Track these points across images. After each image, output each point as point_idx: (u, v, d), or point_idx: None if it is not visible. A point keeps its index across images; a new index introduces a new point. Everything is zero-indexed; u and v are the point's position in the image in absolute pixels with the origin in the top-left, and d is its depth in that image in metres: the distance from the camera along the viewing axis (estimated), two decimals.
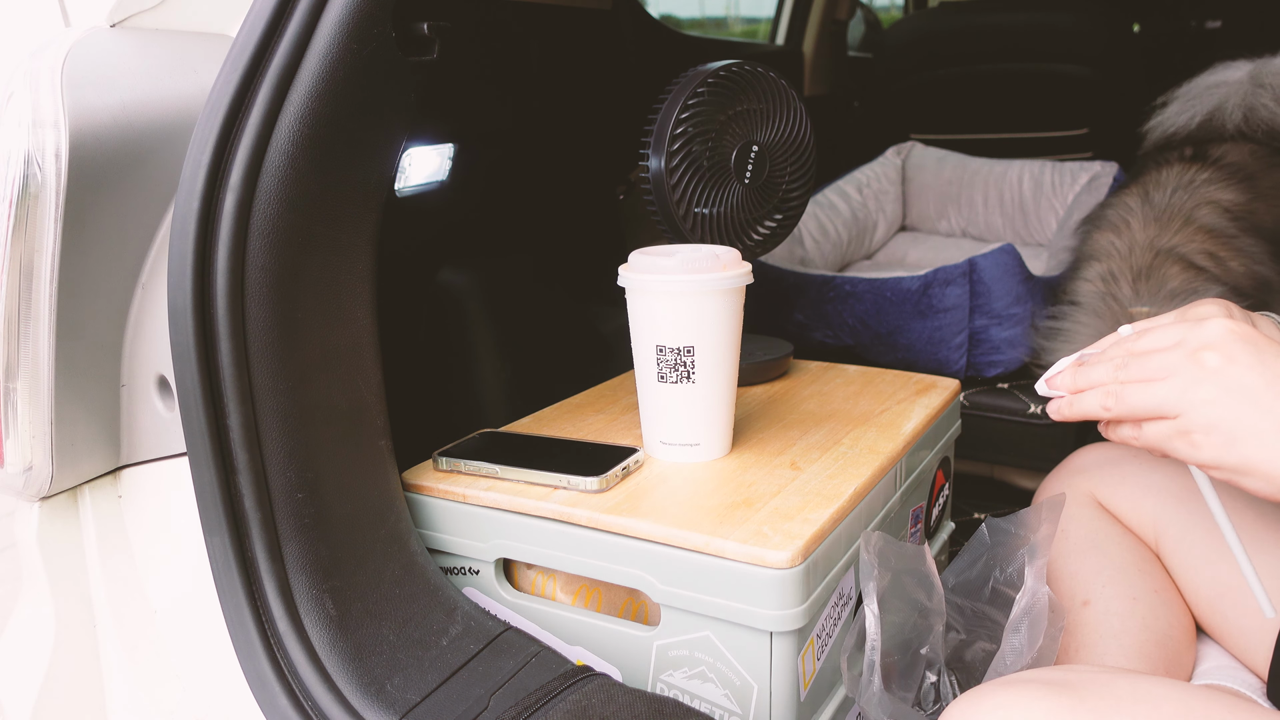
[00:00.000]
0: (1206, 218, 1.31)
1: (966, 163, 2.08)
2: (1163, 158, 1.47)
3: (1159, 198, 1.36)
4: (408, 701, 0.68)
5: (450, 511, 0.81)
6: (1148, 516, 0.83)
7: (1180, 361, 0.57)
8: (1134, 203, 1.38)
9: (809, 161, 1.04)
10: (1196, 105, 1.51)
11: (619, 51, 1.52)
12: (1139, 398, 0.59)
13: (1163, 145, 1.54)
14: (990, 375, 1.38)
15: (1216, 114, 1.47)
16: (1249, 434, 0.54)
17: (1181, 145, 1.49)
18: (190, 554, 0.74)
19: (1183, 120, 1.51)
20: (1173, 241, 1.28)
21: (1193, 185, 1.36)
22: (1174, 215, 1.32)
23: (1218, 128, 1.47)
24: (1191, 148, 1.46)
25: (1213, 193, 1.34)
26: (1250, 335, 0.56)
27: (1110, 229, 1.35)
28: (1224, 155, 1.42)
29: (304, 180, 0.69)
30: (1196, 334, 0.57)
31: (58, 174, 0.69)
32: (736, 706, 0.71)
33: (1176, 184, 1.37)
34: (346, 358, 0.75)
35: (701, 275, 0.78)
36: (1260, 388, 0.54)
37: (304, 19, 0.68)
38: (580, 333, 1.39)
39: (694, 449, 0.83)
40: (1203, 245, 1.28)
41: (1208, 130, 1.48)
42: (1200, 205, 1.32)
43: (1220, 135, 1.47)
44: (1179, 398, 0.56)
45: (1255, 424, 0.54)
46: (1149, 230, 1.31)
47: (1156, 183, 1.40)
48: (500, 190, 1.30)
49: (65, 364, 0.73)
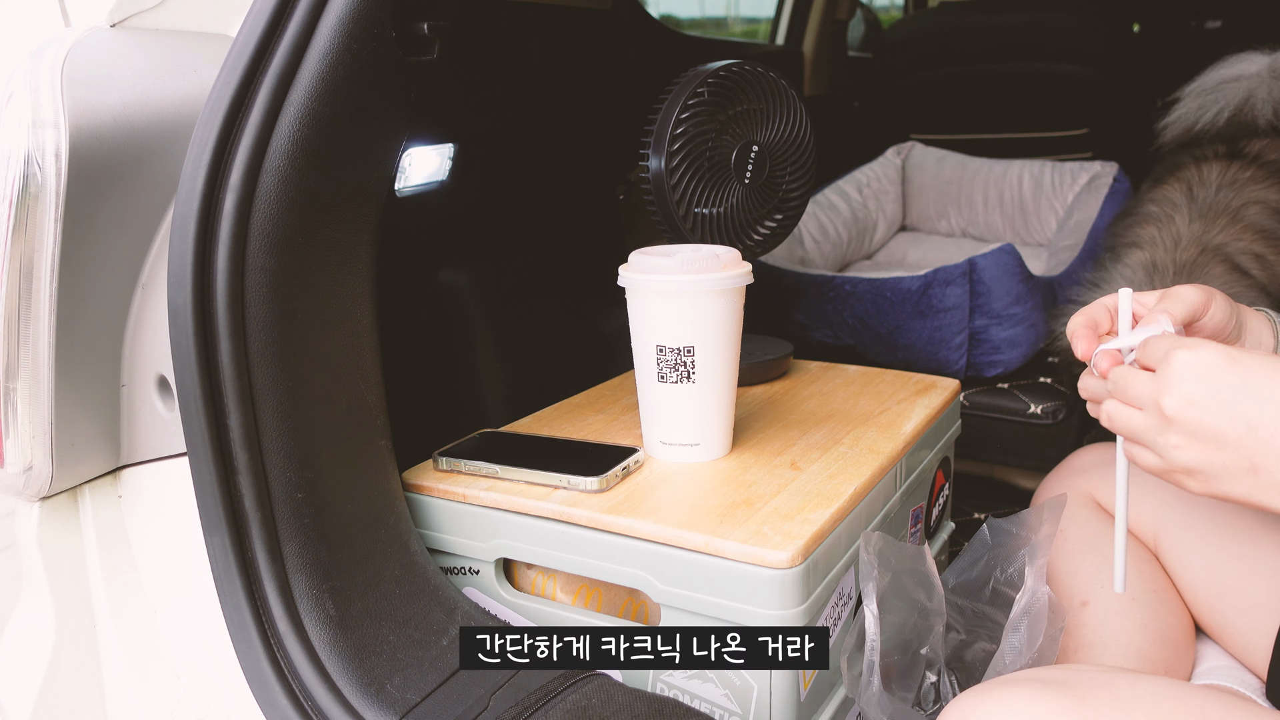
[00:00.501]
0: (1255, 216, 1.29)
1: (966, 163, 2.08)
2: (1199, 154, 1.45)
3: (1203, 194, 1.34)
4: (408, 701, 0.68)
5: (450, 511, 0.81)
6: (1146, 517, 0.83)
7: (1149, 398, 0.56)
8: (1178, 197, 1.36)
9: (809, 161, 1.04)
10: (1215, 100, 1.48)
11: (619, 51, 1.52)
12: (1123, 423, 0.58)
13: (1188, 142, 1.51)
14: (990, 375, 1.38)
15: (1244, 109, 1.45)
16: (1222, 473, 0.53)
17: (1212, 142, 1.47)
18: (190, 554, 0.74)
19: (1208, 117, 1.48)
20: (1220, 239, 1.26)
21: (1237, 183, 1.34)
22: (1220, 212, 1.30)
23: (1248, 123, 1.44)
24: (1224, 145, 1.44)
25: (1259, 192, 1.33)
26: (1207, 370, 0.54)
27: (1153, 222, 1.34)
28: (1262, 153, 1.40)
29: (304, 180, 0.69)
30: (1162, 372, 0.56)
31: (58, 174, 0.69)
32: (736, 706, 0.71)
33: (1220, 181, 1.35)
34: (346, 358, 0.75)
35: (701, 275, 0.78)
36: (1222, 427, 0.53)
37: (304, 19, 0.68)
38: (580, 333, 1.39)
39: (694, 449, 0.83)
40: (1249, 245, 1.26)
41: (1237, 126, 1.45)
42: (1248, 204, 1.31)
43: (1252, 131, 1.44)
44: (1153, 440, 0.56)
45: (1225, 463, 0.53)
46: (1194, 226, 1.29)
47: (1199, 179, 1.38)
48: (500, 190, 1.30)
49: (65, 364, 0.73)
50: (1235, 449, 0.52)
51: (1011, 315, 1.35)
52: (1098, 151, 2.13)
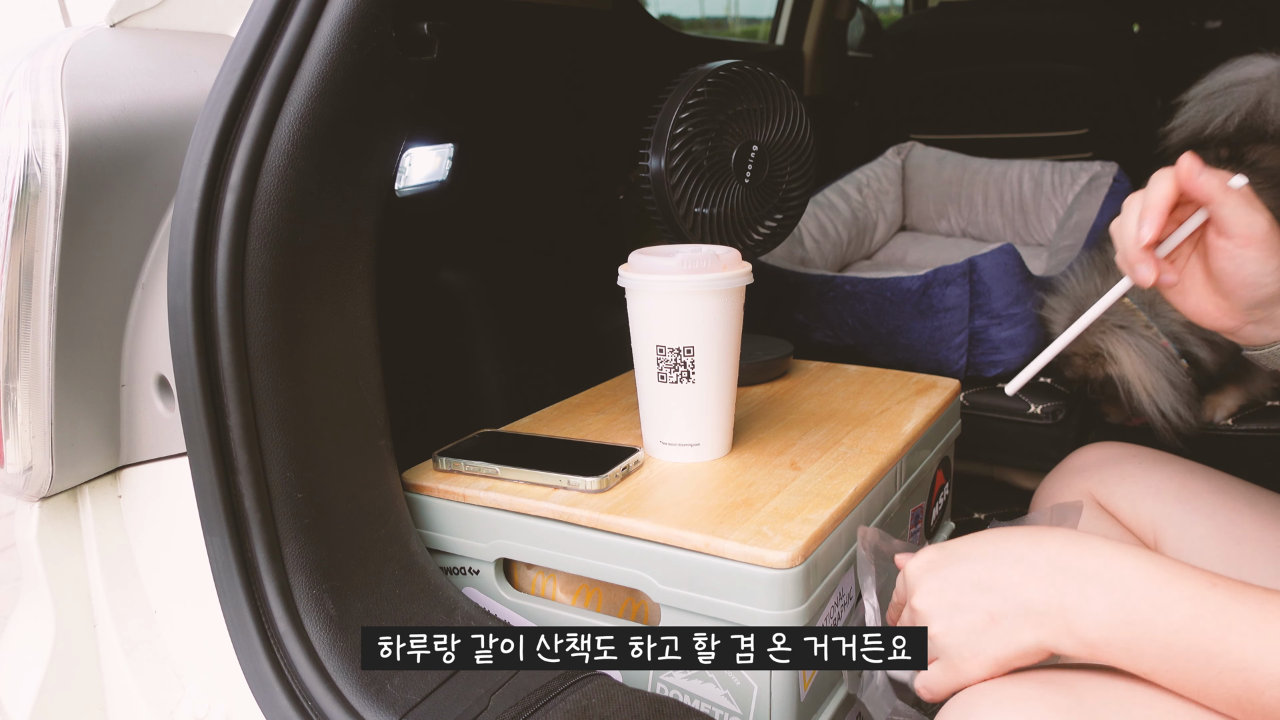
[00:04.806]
0: None
1: (966, 163, 2.08)
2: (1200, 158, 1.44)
3: None
4: (408, 701, 0.68)
5: (450, 511, 0.81)
6: (1146, 517, 0.83)
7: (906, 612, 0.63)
8: None
9: (809, 161, 1.04)
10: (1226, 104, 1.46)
11: (619, 51, 1.52)
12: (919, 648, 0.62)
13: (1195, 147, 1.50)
14: (990, 375, 1.38)
15: (1255, 113, 1.43)
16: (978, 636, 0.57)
17: (1217, 147, 1.46)
18: (190, 554, 0.74)
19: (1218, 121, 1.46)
20: None
21: None
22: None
23: (1257, 128, 1.42)
24: (1228, 150, 1.43)
25: None
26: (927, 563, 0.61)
27: None
28: (1261, 159, 1.39)
29: (304, 180, 0.69)
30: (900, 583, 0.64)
31: (58, 174, 0.69)
32: (736, 707, 0.71)
33: None
34: (346, 358, 0.75)
35: (701, 275, 0.78)
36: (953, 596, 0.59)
37: (304, 19, 0.68)
38: (580, 333, 1.39)
39: (694, 449, 0.83)
40: None
41: (1246, 131, 1.43)
42: None
43: (1260, 136, 1.42)
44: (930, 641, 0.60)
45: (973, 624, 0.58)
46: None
47: None
48: (500, 190, 1.30)
49: (65, 364, 0.73)
50: (970, 609, 0.58)
51: (1012, 315, 1.35)
52: (1098, 151, 2.13)
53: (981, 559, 0.59)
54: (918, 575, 0.61)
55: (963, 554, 0.60)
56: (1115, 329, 1.24)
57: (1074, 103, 2.17)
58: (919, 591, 0.60)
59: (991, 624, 0.57)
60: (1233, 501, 0.81)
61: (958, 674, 0.58)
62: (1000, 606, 0.57)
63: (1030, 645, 0.55)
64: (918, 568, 0.62)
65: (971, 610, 0.57)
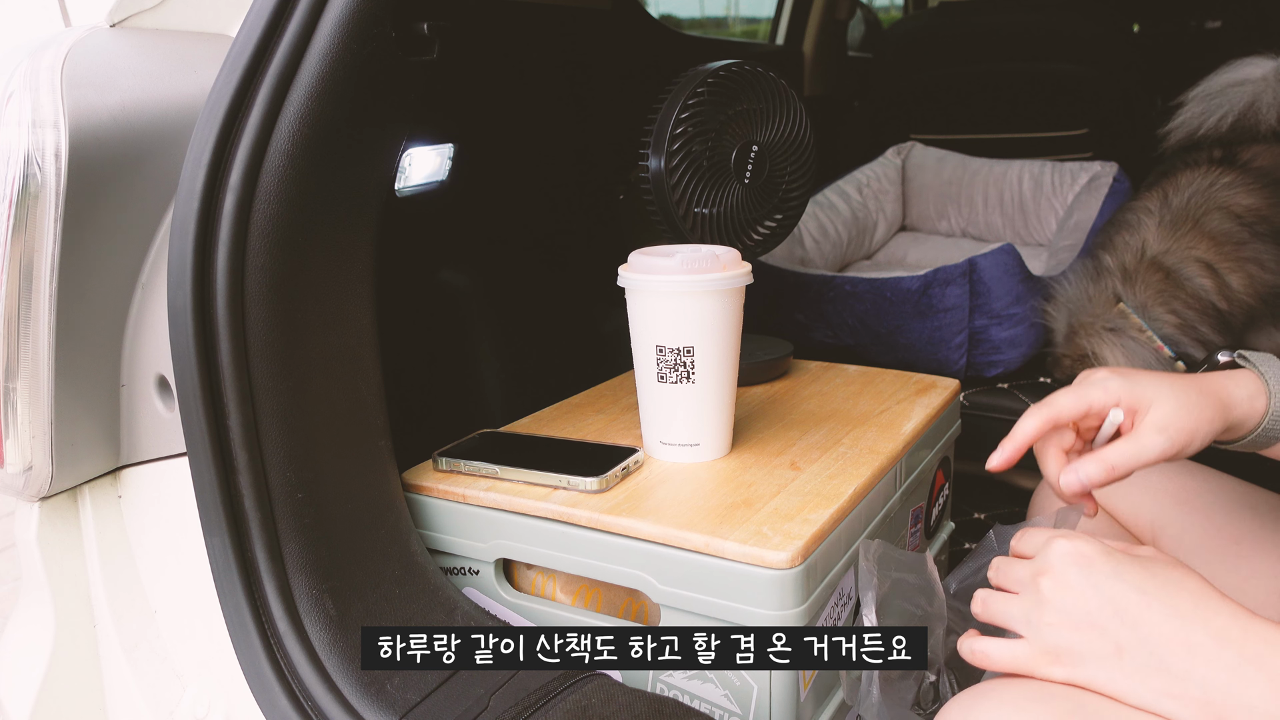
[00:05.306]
0: (1215, 224, 1.29)
1: (966, 163, 2.08)
2: (1191, 159, 1.44)
3: (1176, 201, 1.35)
4: (408, 701, 0.68)
5: (450, 511, 0.81)
6: (1145, 517, 0.83)
7: (1028, 579, 0.58)
8: (1153, 205, 1.37)
9: (809, 161, 1.04)
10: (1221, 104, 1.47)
11: (619, 51, 1.52)
12: (999, 606, 0.59)
13: (1190, 147, 1.51)
14: (990, 375, 1.38)
15: (1249, 114, 1.43)
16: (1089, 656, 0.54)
17: (1211, 147, 1.46)
18: (190, 554, 0.74)
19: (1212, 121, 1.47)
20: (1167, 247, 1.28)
21: (1210, 190, 1.34)
22: (1184, 220, 1.31)
23: (1250, 128, 1.43)
24: (1221, 150, 1.44)
25: (1230, 197, 1.32)
26: (1082, 557, 0.56)
27: (1126, 229, 1.35)
28: (1254, 158, 1.39)
29: (304, 180, 0.69)
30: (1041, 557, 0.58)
31: (58, 174, 0.69)
32: (736, 707, 0.71)
33: (1194, 188, 1.36)
34: (346, 358, 0.75)
35: (701, 275, 0.78)
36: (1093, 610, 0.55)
37: (304, 19, 0.68)
38: (580, 333, 1.39)
39: (694, 449, 0.83)
40: (1202, 253, 1.27)
41: (1239, 131, 1.44)
42: (1212, 211, 1.31)
43: (1253, 136, 1.43)
44: (1026, 619, 0.57)
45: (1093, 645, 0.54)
46: (1161, 233, 1.30)
47: (1176, 186, 1.38)
48: (500, 190, 1.30)
49: (65, 364, 0.73)
50: (1103, 631, 0.54)
51: (1012, 315, 1.35)
52: (1098, 152, 2.13)
53: (1140, 589, 0.54)
54: (1064, 560, 0.57)
55: (1124, 571, 0.55)
56: (1104, 332, 1.24)
57: (1074, 103, 2.17)
58: (1056, 577, 0.56)
59: (1115, 656, 0.53)
60: (1231, 501, 0.81)
61: (1032, 665, 0.56)
62: (1132, 645, 0.53)
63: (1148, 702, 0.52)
64: (1067, 554, 0.57)
65: (1103, 633, 0.54)
